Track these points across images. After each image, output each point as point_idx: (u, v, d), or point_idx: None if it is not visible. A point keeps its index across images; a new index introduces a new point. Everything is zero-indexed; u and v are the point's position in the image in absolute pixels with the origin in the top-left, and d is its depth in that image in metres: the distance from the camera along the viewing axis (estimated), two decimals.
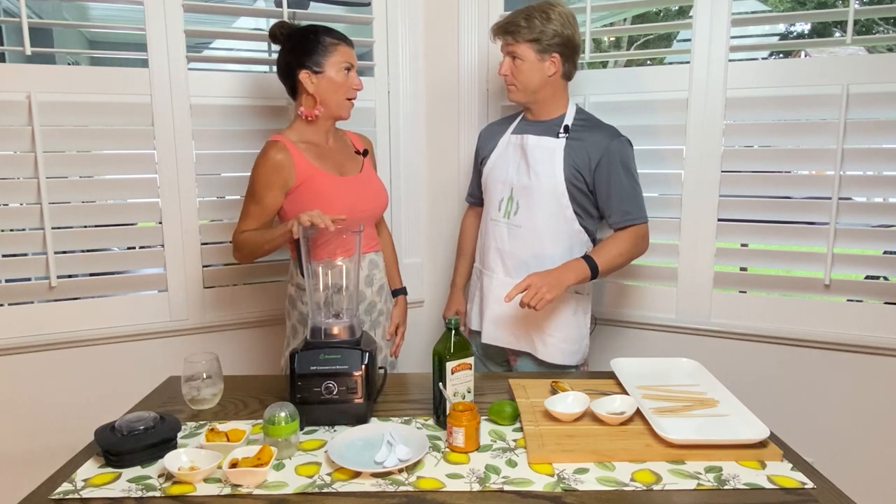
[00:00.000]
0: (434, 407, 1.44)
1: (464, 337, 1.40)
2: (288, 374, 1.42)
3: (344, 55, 1.72)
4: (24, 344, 1.98)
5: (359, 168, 1.83)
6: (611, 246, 1.78)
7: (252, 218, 1.73)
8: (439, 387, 1.38)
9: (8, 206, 1.97)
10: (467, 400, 1.40)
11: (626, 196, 1.78)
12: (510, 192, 1.85)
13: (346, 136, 1.89)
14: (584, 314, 1.89)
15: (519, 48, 1.76)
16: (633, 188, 1.79)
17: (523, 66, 1.77)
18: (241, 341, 2.24)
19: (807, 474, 1.20)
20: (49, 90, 1.92)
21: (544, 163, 1.79)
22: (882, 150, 1.94)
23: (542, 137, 1.82)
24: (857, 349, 1.96)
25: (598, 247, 1.79)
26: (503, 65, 1.81)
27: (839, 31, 9.28)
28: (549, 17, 1.74)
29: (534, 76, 1.78)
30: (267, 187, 1.69)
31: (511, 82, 1.81)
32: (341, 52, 1.72)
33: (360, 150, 1.86)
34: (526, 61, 1.77)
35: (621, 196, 1.78)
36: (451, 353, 1.38)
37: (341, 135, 1.88)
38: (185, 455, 1.23)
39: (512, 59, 1.79)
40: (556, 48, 1.76)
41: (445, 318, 1.87)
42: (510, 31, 1.76)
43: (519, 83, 1.80)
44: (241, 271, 2.24)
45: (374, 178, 1.87)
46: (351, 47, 1.75)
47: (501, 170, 1.88)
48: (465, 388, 1.41)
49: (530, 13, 1.75)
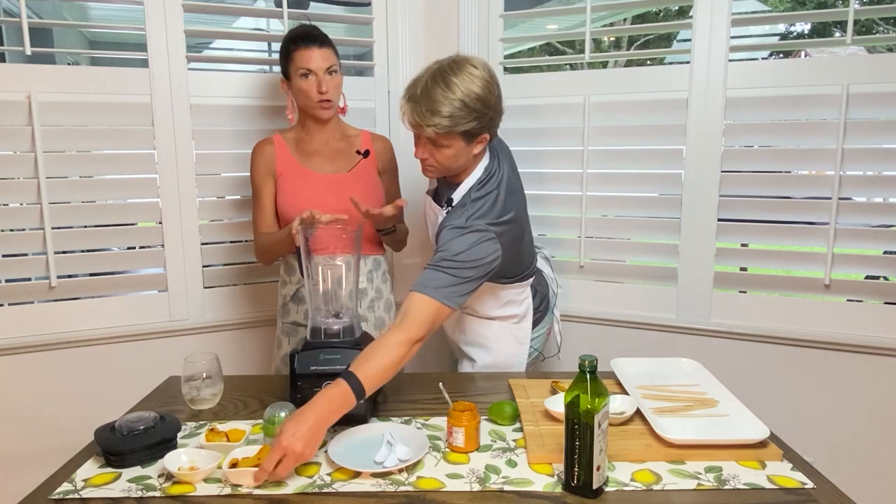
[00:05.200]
0: (566, 467, 1.14)
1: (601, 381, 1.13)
2: (286, 373, 1.42)
3: (302, 60, 1.70)
4: (24, 344, 1.98)
5: (349, 168, 1.82)
6: (373, 353, 1.34)
7: (259, 216, 1.82)
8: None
9: (8, 206, 1.97)
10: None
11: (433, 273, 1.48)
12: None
13: (358, 139, 1.88)
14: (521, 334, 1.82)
15: (445, 139, 1.49)
16: (445, 270, 1.47)
17: (448, 153, 1.52)
18: (241, 341, 2.24)
19: (807, 474, 1.20)
20: (49, 90, 1.92)
21: (431, 228, 1.75)
22: (882, 150, 1.94)
23: (434, 205, 1.71)
24: (857, 349, 1.96)
25: (362, 357, 1.34)
26: (419, 148, 1.55)
27: (839, 31, 9.27)
28: (479, 96, 1.46)
29: (460, 159, 1.55)
30: (260, 180, 1.80)
31: (430, 164, 1.56)
32: (300, 57, 1.70)
33: (362, 150, 1.85)
34: (453, 149, 1.51)
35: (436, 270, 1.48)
36: (595, 403, 1.09)
37: (350, 134, 1.88)
38: (185, 455, 1.24)
39: (432, 144, 1.51)
40: (487, 129, 1.53)
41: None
42: (435, 124, 1.45)
43: (440, 166, 1.56)
44: (241, 271, 2.24)
45: (364, 179, 1.84)
46: (315, 48, 1.70)
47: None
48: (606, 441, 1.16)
49: (457, 97, 1.44)
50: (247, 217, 2.13)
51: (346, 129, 1.89)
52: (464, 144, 1.52)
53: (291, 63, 1.72)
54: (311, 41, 1.71)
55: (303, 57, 1.70)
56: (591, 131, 2.16)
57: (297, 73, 1.71)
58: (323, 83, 1.70)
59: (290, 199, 1.78)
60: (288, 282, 1.87)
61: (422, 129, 1.50)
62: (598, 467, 1.12)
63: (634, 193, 2.21)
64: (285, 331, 1.88)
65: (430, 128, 1.47)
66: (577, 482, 1.13)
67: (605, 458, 1.15)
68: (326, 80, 1.71)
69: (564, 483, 1.16)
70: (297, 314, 1.85)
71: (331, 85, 1.72)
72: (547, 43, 10.68)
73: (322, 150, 1.83)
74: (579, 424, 1.11)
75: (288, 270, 1.88)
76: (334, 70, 1.73)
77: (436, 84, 1.46)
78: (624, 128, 2.17)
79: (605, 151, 2.18)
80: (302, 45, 1.70)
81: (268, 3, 5.40)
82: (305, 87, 1.71)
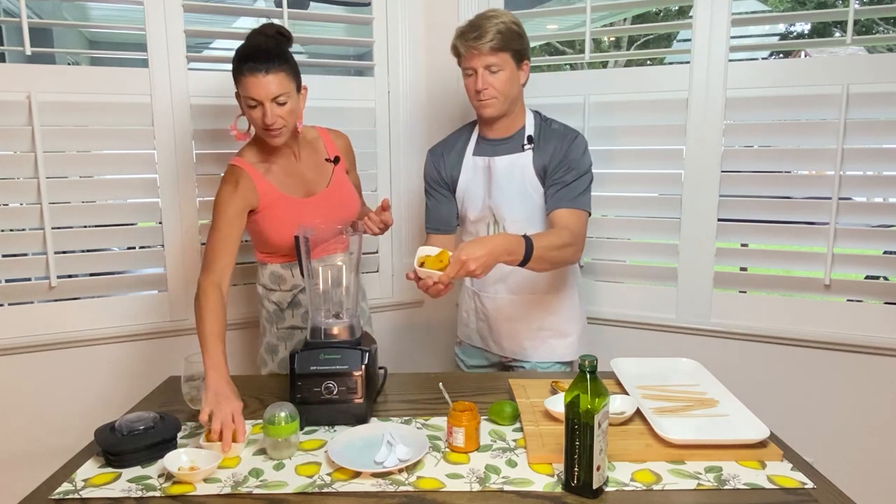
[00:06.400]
0: (566, 467, 1.14)
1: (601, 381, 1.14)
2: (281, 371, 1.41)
3: (246, 88, 1.53)
4: (24, 344, 1.98)
5: (327, 181, 1.76)
6: (550, 236, 1.62)
7: (217, 249, 1.59)
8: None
9: (8, 206, 1.97)
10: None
11: (576, 186, 1.70)
12: (492, 215, 1.78)
13: (320, 141, 1.80)
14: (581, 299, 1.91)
15: (499, 58, 1.67)
16: (583, 181, 1.72)
17: (503, 77, 1.68)
18: (241, 341, 2.24)
19: (807, 474, 1.19)
20: (49, 90, 1.92)
21: (517, 179, 1.74)
22: (882, 150, 1.94)
23: (509, 157, 1.76)
24: (857, 349, 1.96)
25: (537, 234, 1.61)
26: (479, 79, 1.68)
27: (839, 31, 9.27)
28: (516, 24, 1.70)
29: (514, 86, 1.72)
30: (234, 213, 1.61)
31: (492, 95, 1.69)
32: (244, 84, 1.53)
33: (332, 157, 1.78)
34: (506, 70, 1.68)
35: (573, 185, 1.70)
36: (595, 403, 1.10)
37: (313, 143, 1.78)
38: (185, 455, 1.24)
39: (488, 71, 1.68)
40: (526, 55, 1.73)
41: None
42: (489, 41, 1.64)
43: (501, 95, 1.70)
44: (240, 272, 2.23)
45: (342, 188, 1.79)
46: (261, 75, 1.51)
47: (476, 196, 1.80)
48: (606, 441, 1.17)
49: (499, 22, 1.66)
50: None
51: (306, 134, 1.76)
52: (514, 66, 1.70)
53: (238, 85, 1.56)
54: (257, 66, 1.51)
55: (247, 85, 1.52)
56: (591, 131, 2.16)
57: (244, 101, 1.56)
58: (268, 114, 1.53)
59: (278, 229, 1.69)
60: (277, 290, 1.81)
61: (477, 53, 1.66)
62: (598, 467, 1.12)
63: (634, 193, 2.21)
64: (281, 336, 1.84)
65: (487, 44, 1.64)
66: (577, 482, 1.13)
67: (605, 458, 1.15)
68: (273, 111, 1.53)
69: (564, 483, 1.16)
70: (294, 318, 1.83)
71: (278, 113, 1.55)
72: (547, 43, 10.68)
73: (295, 168, 1.73)
74: (579, 424, 1.11)
75: (276, 280, 1.80)
76: (284, 99, 1.54)
77: (480, 19, 1.69)
78: (624, 128, 2.17)
79: (605, 151, 2.18)
80: (248, 71, 1.51)
81: (268, 3, 5.40)
82: (253, 115, 1.57)
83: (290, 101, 1.57)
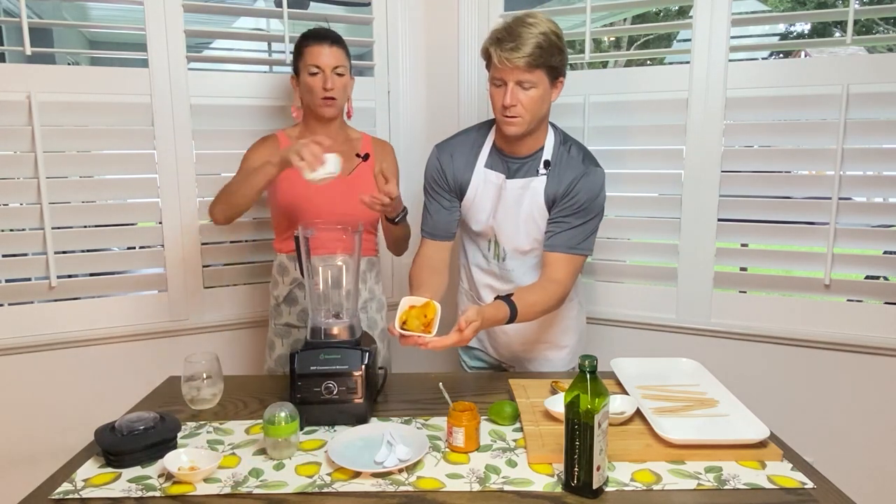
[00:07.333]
0: (566, 467, 1.15)
1: (601, 381, 1.13)
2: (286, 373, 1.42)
3: (311, 56, 1.72)
4: (24, 344, 1.98)
5: (349, 171, 1.80)
6: (535, 295, 1.57)
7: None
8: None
9: (8, 206, 1.97)
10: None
11: (581, 231, 1.62)
12: (493, 234, 1.71)
13: (360, 142, 1.88)
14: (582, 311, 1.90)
15: (534, 75, 1.50)
16: (590, 225, 1.64)
17: (534, 95, 1.52)
18: (241, 341, 2.24)
19: (807, 474, 1.20)
20: (49, 90, 1.92)
21: (525, 204, 1.65)
22: (882, 150, 1.94)
23: (523, 180, 1.64)
24: (857, 349, 1.96)
25: (523, 292, 1.57)
26: (508, 93, 1.52)
27: (839, 31, 9.27)
28: (558, 35, 1.53)
29: (544, 105, 1.57)
30: (255, 162, 1.73)
31: (519, 114, 1.53)
32: (309, 53, 1.73)
33: (362, 153, 1.84)
34: (539, 88, 1.53)
35: (579, 229, 1.62)
36: (595, 403, 1.10)
37: (353, 137, 1.87)
38: (185, 455, 1.24)
39: (520, 87, 1.52)
40: (562, 72, 1.58)
41: None
42: (526, 55, 1.47)
43: (528, 114, 1.54)
44: (241, 271, 2.24)
45: (363, 183, 1.80)
46: (326, 46, 1.73)
47: (481, 210, 1.69)
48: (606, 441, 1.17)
49: (539, 33, 1.49)
50: (246, 217, 2.12)
51: (349, 132, 1.88)
52: (548, 84, 1.55)
53: (301, 59, 1.74)
54: (322, 39, 1.73)
55: (312, 53, 1.72)
56: (591, 131, 2.16)
57: (306, 70, 1.72)
58: (328, 80, 1.71)
59: (288, 197, 1.77)
60: (280, 283, 1.86)
61: (511, 67, 1.49)
62: (598, 467, 1.12)
63: (634, 193, 2.21)
64: (278, 332, 1.87)
65: (524, 58, 1.48)
66: (577, 482, 1.13)
67: (605, 458, 1.15)
68: (332, 79, 1.72)
69: (564, 483, 1.16)
70: (290, 315, 1.85)
71: (336, 83, 1.72)
72: None
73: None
74: (579, 424, 1.11)
75: (280, 271, 1.86)
76: (342, 71, 1.74)
77: (518, 25, 1.51)
78: (624, 128, 2.17)
79: (605, 151, 2.17)
80: (314, 42, 1.73)
81: (268, 3, 5.40)
82: (311, 84, 1.72)
83: (346, 76, 1.76)
